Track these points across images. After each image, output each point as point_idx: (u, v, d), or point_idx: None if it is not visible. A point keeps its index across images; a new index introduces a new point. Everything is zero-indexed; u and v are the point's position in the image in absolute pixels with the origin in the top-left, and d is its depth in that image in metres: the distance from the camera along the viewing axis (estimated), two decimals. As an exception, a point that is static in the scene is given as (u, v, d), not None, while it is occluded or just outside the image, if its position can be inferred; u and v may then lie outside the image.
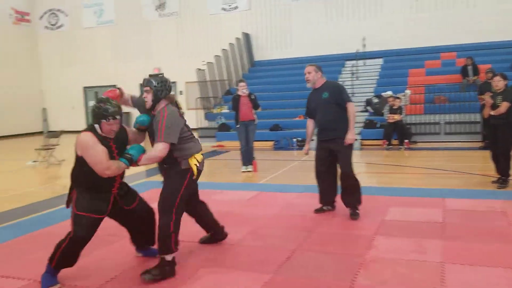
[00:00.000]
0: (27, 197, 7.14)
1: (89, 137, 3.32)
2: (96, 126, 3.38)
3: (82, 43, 21.15)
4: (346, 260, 3.84)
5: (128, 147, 3.57)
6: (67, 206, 3.59)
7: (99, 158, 3.29)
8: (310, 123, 5.27)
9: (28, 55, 21.40)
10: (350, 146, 4.96)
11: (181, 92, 19.51)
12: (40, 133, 19.82)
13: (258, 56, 18.52)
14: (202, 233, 4.75)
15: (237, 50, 17.60)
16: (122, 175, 3.57)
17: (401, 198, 5.90)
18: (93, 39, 20.97)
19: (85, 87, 21.35)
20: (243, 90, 8.49)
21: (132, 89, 20.58)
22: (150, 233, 3.88)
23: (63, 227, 4.23)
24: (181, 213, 3.65)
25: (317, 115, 5.07)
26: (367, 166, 9.20)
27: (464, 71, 13.45)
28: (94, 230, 3.49)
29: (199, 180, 3.86)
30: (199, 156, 3.69)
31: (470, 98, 12.48)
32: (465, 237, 4.28)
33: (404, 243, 4.19)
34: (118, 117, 3.35)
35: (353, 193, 4.98)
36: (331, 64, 16.17)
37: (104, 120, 3.32)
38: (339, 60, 16.68)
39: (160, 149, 3.46)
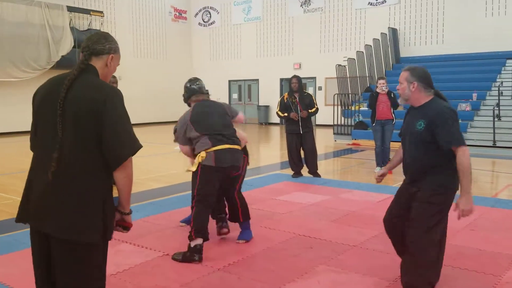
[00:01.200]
0: (170, 178, 7.84)
1: None
2: None
3: (229, 39, 22.49)
4: (478, 278, 3.46)
5: None
6: None
7: None
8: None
9: (183, 50, 23.42)
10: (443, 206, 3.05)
11: (320, 88, 19.53)
12: (190, 121, 21.60)
13: (405, 52, 17.60)
14: (329, 230, 4.71)
15: (381, 46, 16.96)
16: None
17: (560, 217, 5.10)
18: (239, 35, 22.13)
19: (230, 80, 22.66)
20: (382, 87, 8.17)
21: (273, 84, 21.23)
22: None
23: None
24: (202, 205, 3.93)
25: (404, 146, 3.30)
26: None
27: None
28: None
29: (331, 177, 3.82)
30: (202, 154, 3.98)
31: None
32: None
33: (554, 269, 3.63)
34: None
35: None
36: (489, 62, 14.60)
37: None
38: (500, 59, 14.89)
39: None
